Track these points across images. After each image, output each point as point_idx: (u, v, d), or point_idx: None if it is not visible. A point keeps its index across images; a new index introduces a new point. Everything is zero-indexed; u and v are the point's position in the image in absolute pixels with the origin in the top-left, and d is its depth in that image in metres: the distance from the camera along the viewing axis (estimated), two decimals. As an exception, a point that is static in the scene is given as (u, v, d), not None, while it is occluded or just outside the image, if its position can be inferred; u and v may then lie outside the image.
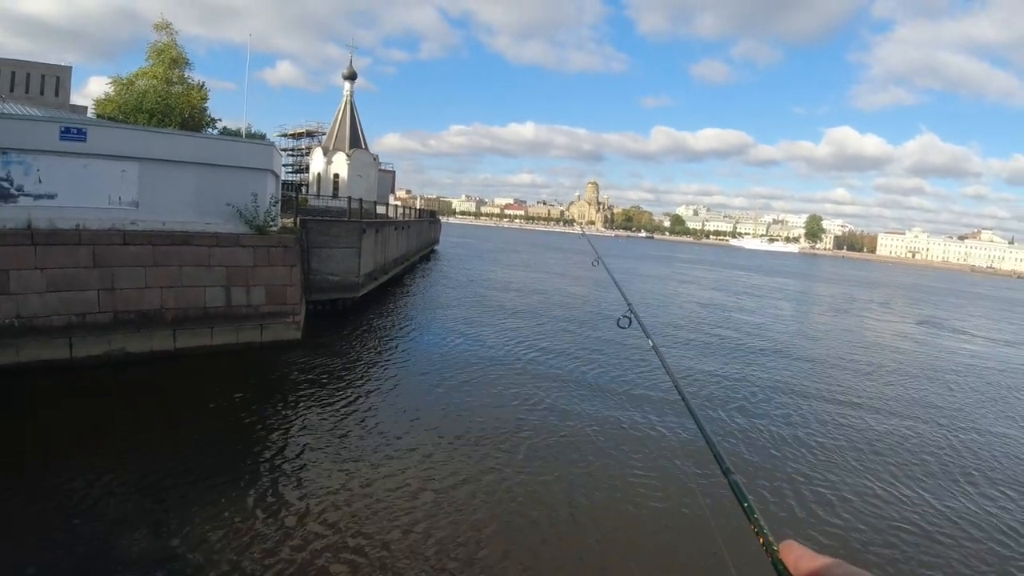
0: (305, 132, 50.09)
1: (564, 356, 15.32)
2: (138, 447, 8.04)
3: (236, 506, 6.69)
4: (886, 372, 17.24)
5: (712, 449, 1.30)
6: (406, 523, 6.63)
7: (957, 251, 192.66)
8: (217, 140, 19.81)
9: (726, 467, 1.19)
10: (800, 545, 0.75)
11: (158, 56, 30.78)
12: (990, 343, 25.97)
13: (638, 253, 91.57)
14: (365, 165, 42.82)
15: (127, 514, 6.36)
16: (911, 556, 6.93)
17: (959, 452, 10.69)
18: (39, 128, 11.56)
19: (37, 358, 10.44)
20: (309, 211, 22.13)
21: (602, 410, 11.17)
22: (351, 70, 43.46)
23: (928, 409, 13.44)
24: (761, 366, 16.21)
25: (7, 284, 10.31)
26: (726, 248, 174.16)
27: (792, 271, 77.24)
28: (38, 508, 6.34)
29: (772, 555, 0.79)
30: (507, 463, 8.46)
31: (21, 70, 44.99)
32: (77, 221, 11.38)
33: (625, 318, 3.22)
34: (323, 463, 8.03)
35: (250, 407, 9.95)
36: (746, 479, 8.26)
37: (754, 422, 11.24)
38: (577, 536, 6.79)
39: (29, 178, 11.22)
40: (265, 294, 13.53)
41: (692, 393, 12.41)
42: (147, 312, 11.84)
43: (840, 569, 0.67)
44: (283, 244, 14.00)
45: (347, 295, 18.23)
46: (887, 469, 9.50)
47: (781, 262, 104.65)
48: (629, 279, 41.72)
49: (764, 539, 0.84)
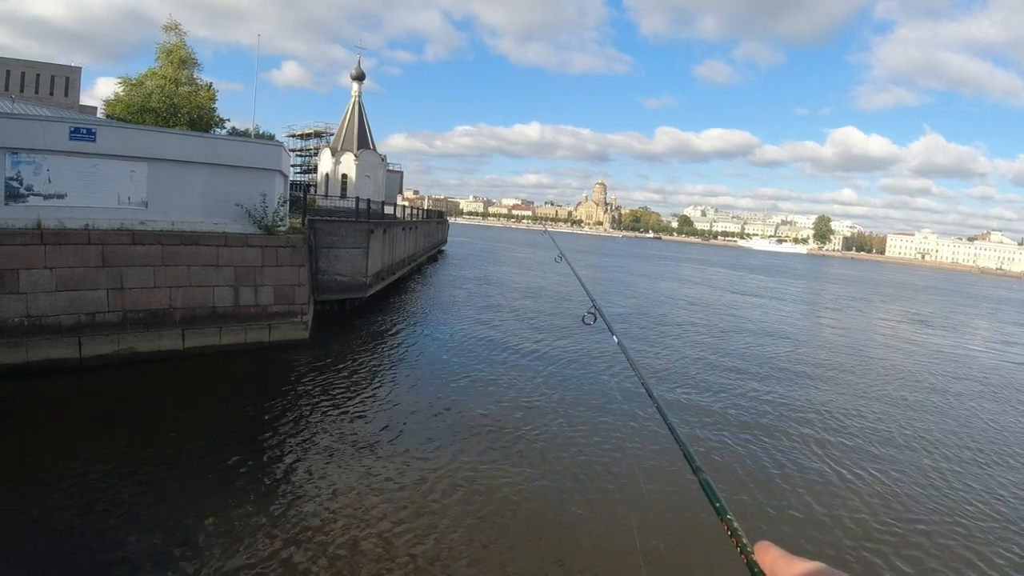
0: (313, 133, 50.20)
1: (551, 355, 15.26)
2: (145, 447, 7.98)
3: (241, 507, 6.61)
4: (881, 375, 17.03)
5: (681, 446, 1.21)
6: (411, 524, 6.53)
7: (966, 252, 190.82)
8: (226, 140, 19.82)
9: (696, 466, 1.11)
10: (775, 546, 0.71)
11: (167, 57, 30.98)
12: (989, 343, 25.65)
13: (637, 253, 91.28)
14: (373, 166, 42.84)
15: (131, 514, 6.31)
16: (889, 556, 6.80)
17: (942, 450, 10.56)
18: (49, 128, 11.56)
19: (46, 357, 10.44)
20: (317, 211, 22.16)
21: (573, 408, 11.16)
22: (359, 71, 43.50)
23: (915, 408, 13.30)
24: (743, 366, 16.04)
25: (17, 283, 10.31)
26: (734, 249, 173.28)
27: (800, 272, 76.68)
28: (42, 507, 6.29)
29: (747, 557, 0.74)
30: (504, 463, 8.41)
31: (31, 71, 45.41)
32: (86, 221, 11.38)
33: (590, 315, 3.10)
34: (330, 464, 7.95)
35: (258, 407, 9.90)
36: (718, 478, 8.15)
37: (728, 420, 11.16)
38: (547, 535, 6.70)
39: (39, 178, 11.24)
40: (273, 294, 13.50)
41: (667, 391, 12.65)
42: (156, 312, 11.83)
43: (818, 570, 0.63)
44: (291, 244, 13.96)
45: (355, 295, 18.20)
46: (867, 468, 9.39)
47: (789, 263, 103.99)
48: (629, 279, 41.59)
49: (738, 540, 0.80)
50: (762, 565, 0.70)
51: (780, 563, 0.67)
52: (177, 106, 29.96)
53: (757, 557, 0.72)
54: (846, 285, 59.33)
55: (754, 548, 0.73)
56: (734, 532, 0.82)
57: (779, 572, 0.67)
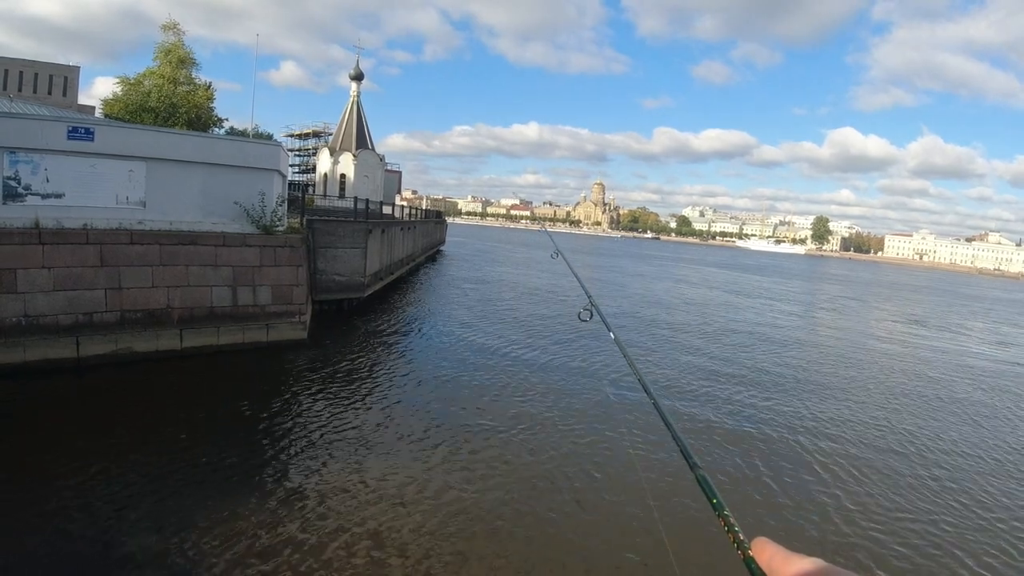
0: (312, 132, 50.18)
1: (548, 352, 15.27)
2: (143, 446, 8.00)
3: (240, 506, 6.63)
4: (875, 371, 17.10)
5: (678, 442, 1.21)
6: (410, 521, 6.55)
7: (964, 253, 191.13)
8: (224, 140, 19.80)
9: (693, 461, 1.11)
10: (773, 543, 0.69)
11: (165, 56, 30.95)
12: (983, 343, 25.74)
13: (635, 253, 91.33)
14: (371, 165, 42.83)
15: (130, 514, 6.32)
16: (886, 552, 6.84)
17: (938, 447, 10.62)
18: (47, 128, 11.55)
19: (44, 357, 10.44)
20: (315, 211, 22.12)
21: (569, 405, 11.25)
22: (357, 70, 43.51)
23: (909, 405, 13.36)
24: (739, 364, 16.07)
25: (14, 283, 10.31)
26: (732, 249, 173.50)
27: (797, 272, 76.78)
28: (41, 507, 6.30)
29: (743, 552, 0.73)
30: (501, 460, 8.46)
31: (29, 70, 45.33)
32: (84, 220, 11.38)
33: (586, 311, 3.11)
34: (328, 464, 7.97)
35: (256, 407, 9.91)
36: (715, 473, 8.20)
37: (725, 416, 11.21)
38: (543, 532, 6.73)
39: (37, 177, 11.23)
40: (271, 294, 13.50)
41: (663, 387, 12.77)
42: (154, 311, 11.83)
43: (815, 567, 0.62)
44: (289, 244, 13.97)
45: (353, 295, 18.21)
46: (863, 464, 9.46)
47: (787, 263, 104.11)
48: (626, 279, 41.61)
49: (735, 536, 0.79)
50: (759, 561, 0.69)
51: (777, 559, 0.66)
52: (175, 106, 29.92)
53: (754, 553, 0.71)
54: (843, 285, 59.42)
55: (751, 544, 0.72)
56: (731, 528, 0.82)
57: (776, 568, 0.66)
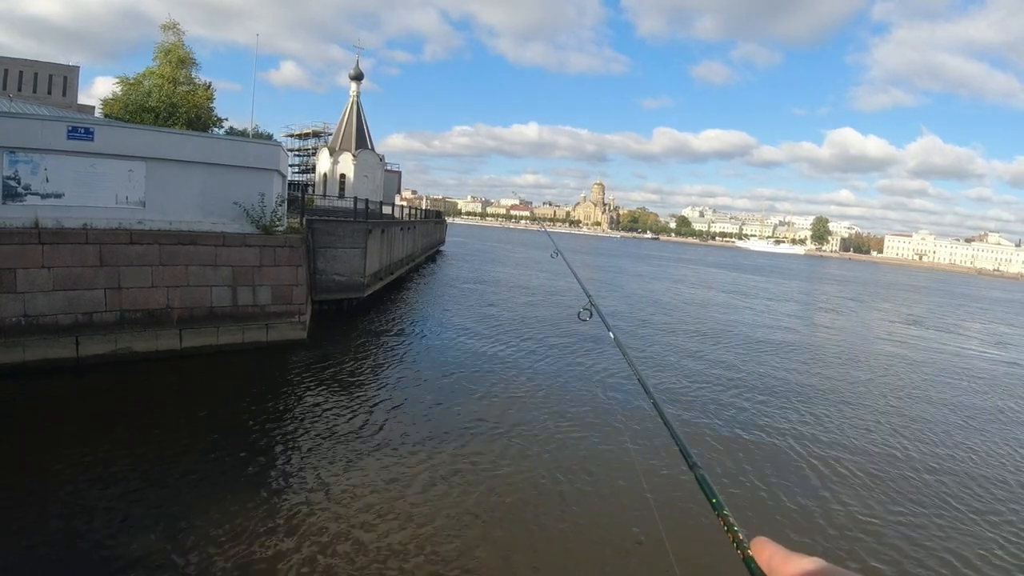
0: (312, 132, 50.17)
1: (547, 351, 15.29)
2: (142, 446, 7.99)
3: (240, 506, 6.63)
4: (874, 370, 17.10)
5: (678, 442, 1.21)
6: (411, 522, 6.56)
7: (964, 254, 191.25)
8: (224, 140, 19.81)
9: (693, 461, 1.11)
10: (772, 542, 0.69)
11: (165, 56, 30.93)
12: (982, 343, 25.75)
13: (635, 253, 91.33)
14: (371, 165, 42.81)
15: (130, 514, 6.31)
16: (886, 552, 6.84)
17: (937, 446, 10.61)
18: (47, 127, 11.55)
19: (43, 357, 10.43)
20: (315, 211, 22.11)
21: (569, 404, 11.26)
22: (357, 70, 43.47)
23: (908, 404, 13.36)
24: (738, 364, 16.08)
25: (14, 283, 10.30)
26: (732, 250, 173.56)
27: (796, 273, 76.80)
28: (41, 507, 6.30)
29: (743, 552, 0.73)
30: (501, 459, 8.46)
31: (29, 70, 45.31)
32: (84, 220, 11.37)
33: (586, 311, 3.12)
34: (328, 464, 7.97)
35: (255, 407, 9.91)
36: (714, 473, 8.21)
37: (725, 416, 11.22)
38: (543, 530, 6.74)
39: (36, 177, 11.23)
40: (271, 294, 13.50)
41: (662, 386, 12.85)
42: (153, 311, 11.83)
43: (815, 566, 0.62)
44: (289, 244, 13.97)
45: (353, 295, 18.21)
46: (863, 464, 9.46)
47: (786, 264, 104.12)
48: (625, 279, 41.61)
49: (734, 536, 0.79)
50: (759, 561, 0.69)
51: (777, 559, 0.66)
52: (175, 105, 29.90)
53: (754, 553, 0.71)
54: (842, 285, 59.44)
55: (751, 544, 0.72)
56: (731, 527, 0.82)
57: (776, 568, 0.66)
